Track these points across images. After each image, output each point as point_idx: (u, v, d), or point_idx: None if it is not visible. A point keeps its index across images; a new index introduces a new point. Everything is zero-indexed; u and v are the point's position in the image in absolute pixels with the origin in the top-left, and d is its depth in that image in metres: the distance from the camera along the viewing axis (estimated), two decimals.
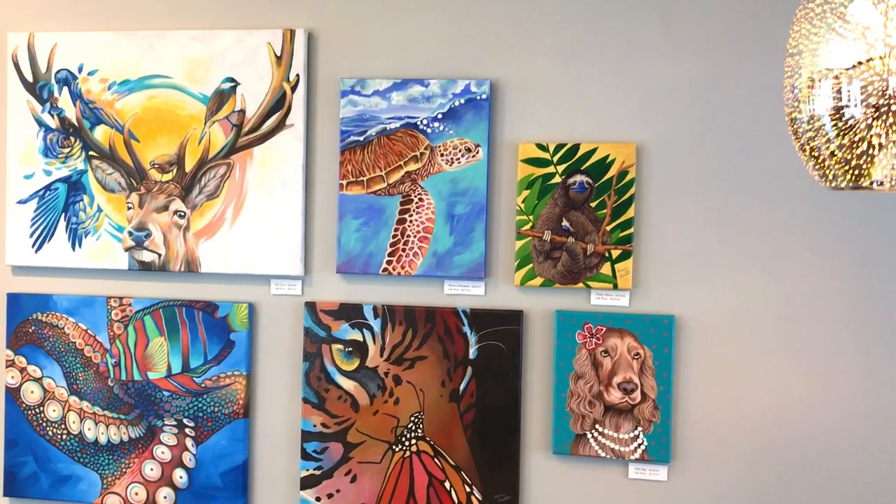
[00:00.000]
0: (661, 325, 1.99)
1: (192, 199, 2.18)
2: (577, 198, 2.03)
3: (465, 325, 2.08)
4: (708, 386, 2.00)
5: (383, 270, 2.10)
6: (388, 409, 2.11)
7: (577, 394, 2.03)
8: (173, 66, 2.19)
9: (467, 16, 2.08)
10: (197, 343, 2.19)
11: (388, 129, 2.09)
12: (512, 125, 2.06)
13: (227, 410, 2.19)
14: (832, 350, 1.95)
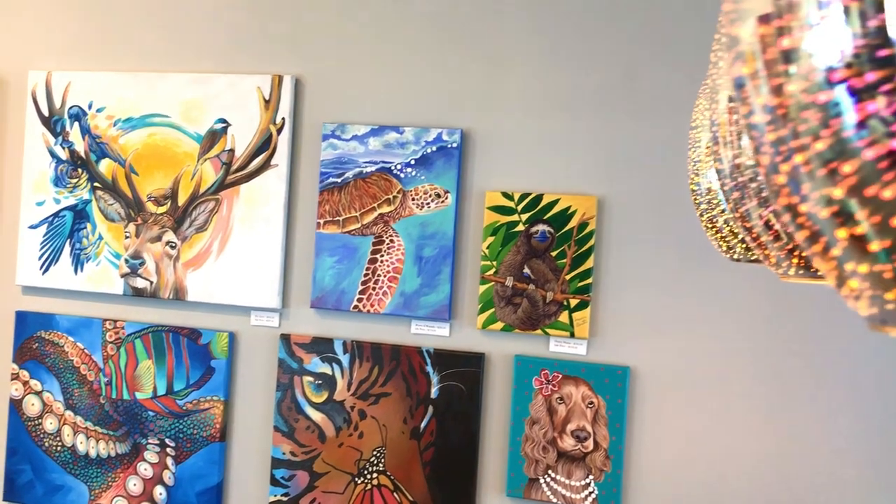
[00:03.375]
0: (616, 376, 2.03)
1: (182, 231, 2.32)
2: (539, 246, 2.08)
3: (428, 365, 2.15)
4: (660, 438, 2.02)
5: (354, 307, 2.19)
6: (352, 441, 2.19)
7: (531, 439, 2.07)
8: (172, 107, 2.33)
9: (442, 69, 2.16)
10: (181, 367, 2.32)
11: (365, 173, 2.19)
12: (480, 173, 2.14)
13: (205, 433, 2.30)
14: (782, 406, 1.95)
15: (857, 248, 0.41)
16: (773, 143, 0.43)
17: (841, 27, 0.38)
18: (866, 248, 0.40)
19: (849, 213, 0.40)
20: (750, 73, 0.44)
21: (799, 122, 0.41)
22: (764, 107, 0.44)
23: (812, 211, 0.43)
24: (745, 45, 0.44)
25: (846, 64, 0.38)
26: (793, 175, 0.43)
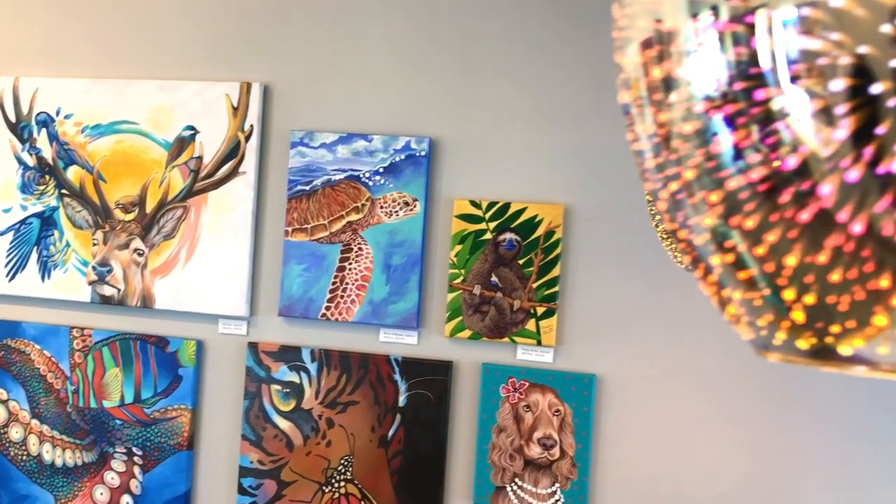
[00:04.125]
0: (582, 384, 2.04)
1: (150, 239, 2.31)
2: (506, 255, 2.09)
3: (396, 373, 2.15)
4: (626, 446, 2.03)
5: (322, 315, 2.19)
6: (320, 450, 2.19)
7: (498, 447, 2.08)
8: (140, 113, 2.33)
9: (411, 77, 2.17)
10: (148, 375, 2.31)
11: (333, 181, 2.19)
12: (448, 181, 2.14)
13: (173, 442, 2.29)
14: (749, 414, 1.96)
15: (731, 274, 0.42)
16: (654, 169, 0.44)
17: (716, 56, 0.39)
18: (737, 276, 0.41)
19: (719, 241, 0.41)
20: (633, 100, 0.45)
21: (672, 150, 0.42)
22: (645, 133, 0.44)
23: (689, 238, 0.43)
24: (629, 71, 0.45)
25: (721, 93, 0.39)
26: (671, 202, 0.44)
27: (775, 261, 0.38)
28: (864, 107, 0.33)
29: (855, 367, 0.39)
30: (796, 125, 0.37)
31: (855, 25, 0.33)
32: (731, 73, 0.38)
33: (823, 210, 0.35)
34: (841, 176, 0.34)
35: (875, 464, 1.94)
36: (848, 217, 0.34)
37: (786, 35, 0.37)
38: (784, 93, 0.37)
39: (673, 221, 0.44)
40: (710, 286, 0.44)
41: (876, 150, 0.33)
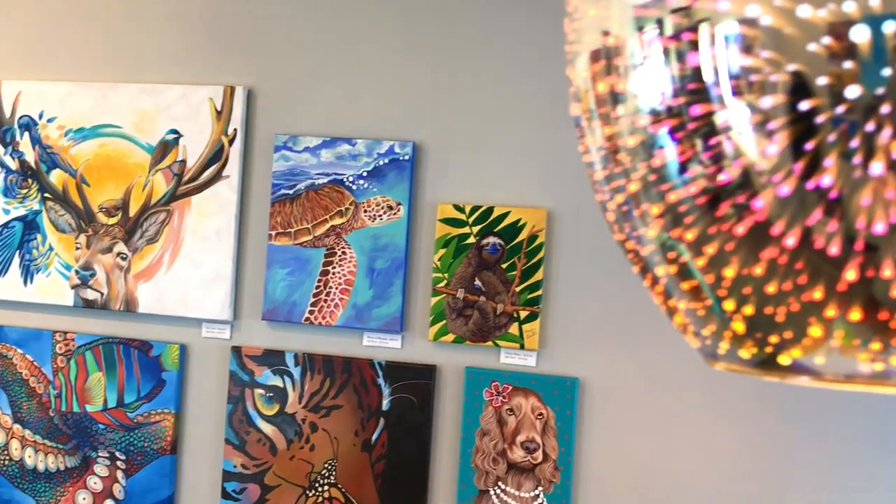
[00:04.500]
0: (565, 387, 2.05)
1: (133, 243, 2.31)
2: (490, 258, 2.10)
3: (379, 377, 2.15)
4: (609, 449, 2.04)
5: (305, 319, 2.19)
6: (303, 454, 2.19)
7: (482, 450, 2.09)
8: (123, 117, 2.33)
9: (395, 81, 2.18)
10: (131, 380, 2.31)
11: (317, 185, 2.20)
12: (432, 186, 2.15)
13: (156, 446, 2.29)
14: (733, 417, 1.98)
15: (676, 284, 0.43)
16: (602, 181, 0.45)
17: (661, 70, 0.40)
18: (681, 286, 0.42)
19: (664, 252, 0.42)
20: (583, 113, 0.46)
21: (618, 163, 0.43)
22: (594, 146, 0.45)
23: (636, 248, 0.44)
24: (578, 84, 0.46)
25: (666, 107, 0.40)
26: (618, 213, 0.44)
27: (715, 272, 0.38)
28: (796, 123, 0.34)
29: (798, 376, 0.40)
30: (738, 138, 0.38)
31: (786, 43, 0.34)
32: (676, 87, 0.39)
33: (758, 223, 0.35)
34: (774, 190, 0.35)
35: (851, 465, 1.95)
36: (781, 230, 0.35)
37: (727, 50, 0.37)
38: (726, 107, 0.38)
39: (621, 232, 0.45)
40: (657, 295, 0.45)
41: (806, 165, 0.34)
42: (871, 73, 0.32)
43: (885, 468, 1.95)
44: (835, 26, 0.32)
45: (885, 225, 0.32)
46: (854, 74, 0.32)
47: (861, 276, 0.34)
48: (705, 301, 0.40)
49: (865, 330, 0.37)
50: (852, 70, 0.32)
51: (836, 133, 0.32)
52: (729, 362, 0.42)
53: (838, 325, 0.36)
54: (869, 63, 0.32)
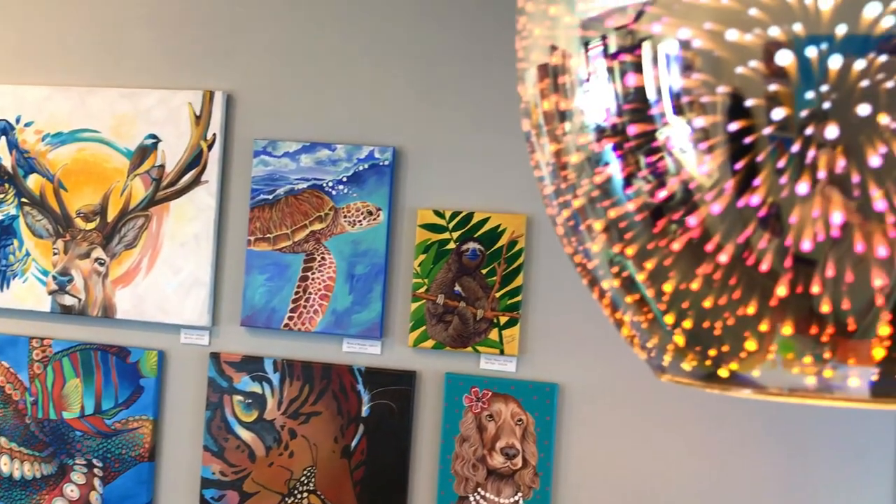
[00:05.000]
0: (545, 393, 2.06)
1: (112, 248, 2.31)
2: (470, 264, 2.11)
3: (359, 384, 2.16)
4: (588, 455, 2.06)
5: (285, 325, 2.19)
6: (282, 461, 2.19)
7: (461, 456, 2.09)
8: (102, 122, 2.33)
9: (375, 86, 2.19)
10: (109, 386, 2.30)
11: (296, 190, 2.20)
12: (412, 191, 2.16)
13: (134, 453, 2.29)
14: (711, 424, 1.99)
15: (621, 297, 0.44)
16: (551, 195, 0.46)
17: (606, 87, 0.41)
18: (626, 299, 0.43)
19: (608, 266, 0.43)
20: (532, 128, 0.47)
21: (564, 178, 0.44)
22: (543, 161, 0.46)
23: (583, 262, 0.45)
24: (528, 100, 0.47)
25: (610, 124, 0.41)
26: (566, 227, 0.45)
27: (655, 287, 0.39)
28: (728, 143, 0.35)
29: (739, 389, 0.41)
30: (678, 156, 0.39)
31: (718, 66, 0.35)
32: (619, 104, 0.40)
33: (693, 240, 0.36)
34: (708, 208, 0.36)
35: (823, 469, 1.98)
36: (714, 247, 0.36)
37: (668, 70, 0.39)
38: (667, 125, 0.39)
39: (570, 246, 0.46)
40: (605, 308, 0.46)
41: (737, 184, 0.35)
42: (797, 95, 0.33)
43: (857, 475, 1.97)
44: (762, 50, 0.33)
45: (811, 242, 0.34)
46: (781, 97, 0.33)
47: (791, 292, 0.35)
48: (648, 314, 0.41)
49: (799, 344, 0.38)
50: (779, 92, 0.33)
51: (765, 153, 0.34)
52: (673, 374, 0.43)
53: (772, 340, 0.37)
54: (795, 86, 0.33)
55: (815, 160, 0.33)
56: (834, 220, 0.33)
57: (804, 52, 0.32)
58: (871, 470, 1.97)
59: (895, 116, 0.31)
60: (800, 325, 0.36)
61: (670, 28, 0.36)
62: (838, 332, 0.35)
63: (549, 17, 0.42)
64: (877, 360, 0.36)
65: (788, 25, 0.32)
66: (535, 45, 0.44)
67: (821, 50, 0.32)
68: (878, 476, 1.97)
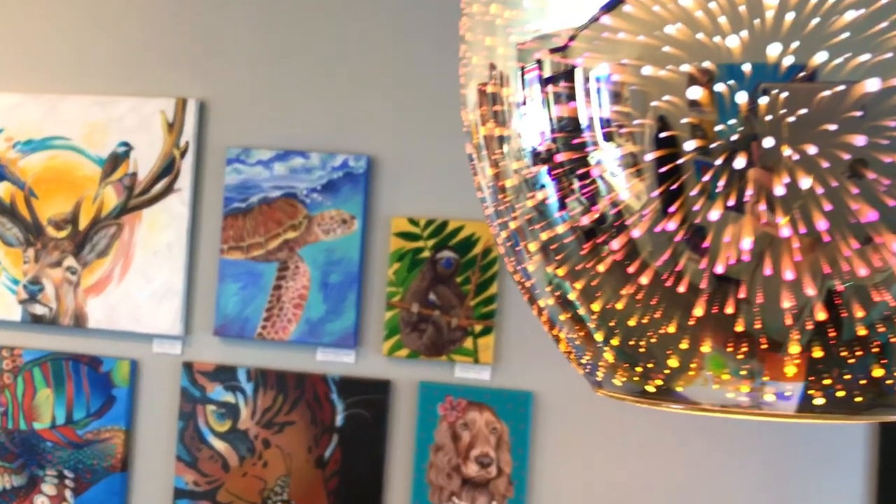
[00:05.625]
0: (519, 401, 2.08)
1: (83, 257, 2.31)
2: (444, 273, 2.13)
3: (333, 393, 2.17)
4: (562, 463, 2.08)
5: (258, 334, 2.21)
6: (256, 471, 2.20)
7: (436, 465, 2.11)
8: (73, 129, 2.33)
9: (349, 94, 2.21)
10: (81, 396, 2.30)
11: (269, 198, 2.22)
12: (387, 199, 2.18)
13: (106, 464, 2.29)
14: (687, 432, 2.02)
15: (556, 315, 0.46)
16: (492, 216, 0.48)
17: (541, 111, 0.44)
18: (560, 317, 0.45)
19: (544, 285, 0.45)
20: (473, 150, 0.49)
21: (502, 200, 0.46)
22: (484, 182, 0.49)
23: (522, 280, 0.47)
24: (469, 124, 0.49)
25: (544, 148, 0.43)
26: (506, 247, 0.48)
27: (585, 306, 0.42)
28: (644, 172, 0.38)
29: (669, 404, 0.44)
30: (609, 181, 0.41)
31: (637, 98, 0.37)
32: (554, 127, 0.42)
33: (617, 262, 0.39)
34: (629, 232, 0.38)
35: (796, 478, 2.01)
36: (636, 269, 0.38)
37: (596, 99, 0.41)
38: (599, 149, 0.41)
39: (510, 264, 0.48)
40: (544, 324, 0.48)
41: (654, 210, 0.37)
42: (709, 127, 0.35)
43: (828, 481, 2.00)
44: (676, 84, 0.35)
45: (724, 266, 0.36)
46: (694, 129, 0.35)
47: (707, 312, 0.37)
48: (581, 332, 0.44)
49: (726, 361, 0.40)
50: (692, 124, 0.35)
51: (680, 182, 0.36)
52: (607, 389, 0.45)
53: (693, 357, 0.39)
54: (706, 119, 0.35)
55: (726, 189, 0.35)
56: (744, 245, 0.35)
57: (714, 88, 0.34)
58: (842, 476, 2.01)
59: (797, 148, 0.34)
60: (717, 344, 0.38)
61: (592, 61, 0.38)
62: (752, 350, 0.38)
63: (485, 48, 0.45)
64: (789, 377, 0.38)
65: (699, 62, 0.34)
66: (474, 72, 0.46)
67: (730, 85, 0.34)
68: (849, 483, 2.00)
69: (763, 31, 0.34)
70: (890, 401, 0.39)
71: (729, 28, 0.34)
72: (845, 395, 0.38)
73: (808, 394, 0.39)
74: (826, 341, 0.37)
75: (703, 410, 0.44)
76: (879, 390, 0.39)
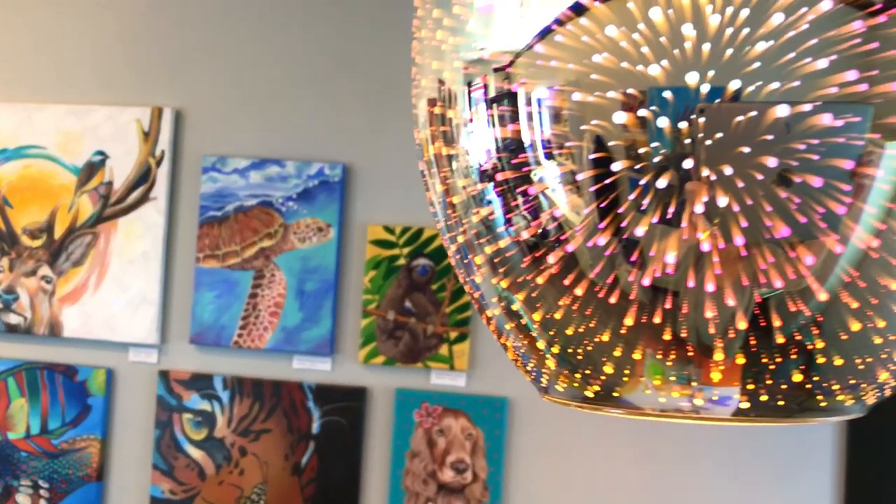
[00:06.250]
0: (494, 407, 2.10)
1: (59, 266, 2.31)
2: (420, 280, 2.15)
3: (309, 401, 2.19)
4: (537, 468, 2.11)
5: (234, 343, 2.22)
6: (233, 479, 2.21)
7: (412, 472, 2.13)
8: (49, 138, 2.34)
9: (324, 103, 2.23)
10: (56, 406, 2.31)
11: (245, 206, 2.23)
12: (362, 207, 2.20)
13: (82, 473, 2.29)
14: (660, 438, 2.05)
15: (503, 324, 0.48)
16: (443, 230, 0.51)
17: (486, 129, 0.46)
18: (506, 326, 0.48)
19: (489, 297, 0.48)
20: (425, 167, 0.52)
21: (450, 216, 0.48)
22: (435, 198, 0.51)
23: (472, 292, 0.50)
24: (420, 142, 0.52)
25: (490, 164, 0.46)
26: (456, 260, 0.50)
27: (527, 316, 0.44)
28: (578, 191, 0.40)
29: (610, 409, 0.46)
30: (551, 196, 0.44)
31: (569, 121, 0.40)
32: (498, 146, 0.45)
33: (553, 275, 0.41)
34: (564, 247, 0.40)
35: (764, 486, 2.05)
36: (571, 282, 0.41)
37: (536, 120, 0.43)
38: (541, 167, 0.44)
39: (461, 276, 0.50)
40: (493, 333, 0.50)
41: (587, 226, 0.40)
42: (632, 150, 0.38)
43: (797, 489, 2.04)
44: (603, 110, 0.38)
45: (650, 279, 0.38)
46: (621, 151, 0.38)
47: (637, 322, 0.40)
48: (524, 340, 0.46)
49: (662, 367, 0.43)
50: (619, 147, 0.38)
51: (608, 200, 0.38)
52: (551, 395, 0.47)
53: (626, 364, 0.42)
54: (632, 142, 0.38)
55: (651, 206, 0.38)
56: (668, 259, 0.38)
57: (639, 112, 0.37)
58: (810, 484, 2.04)
59: (714, 169, 0.36)
60: (648, 351, 0.40)
61: (528, 87, 0.40)
62: (680, 357, 0.40)
63: (433, 71, 0.47)
64: (716, 382, 0.41)
65: (624, 88, 0.37)
66: (423, 93, 0.49)
67: (653, 110, 0.37)
68: (817, 490, 2.04)
69: (683, 61, 0.36)
70: (811, 405, 0.42)
71: (652, 57, 0.37)
72: (768, 400, 0.41)
73: (734, 398, 0.42)
74: (748, 349, 0.39)
75: (645, 415, 0.47)
76: (801, 395, 0.42)
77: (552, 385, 0.46)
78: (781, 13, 0.35)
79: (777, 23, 0.35)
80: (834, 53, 0.35)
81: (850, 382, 0.41)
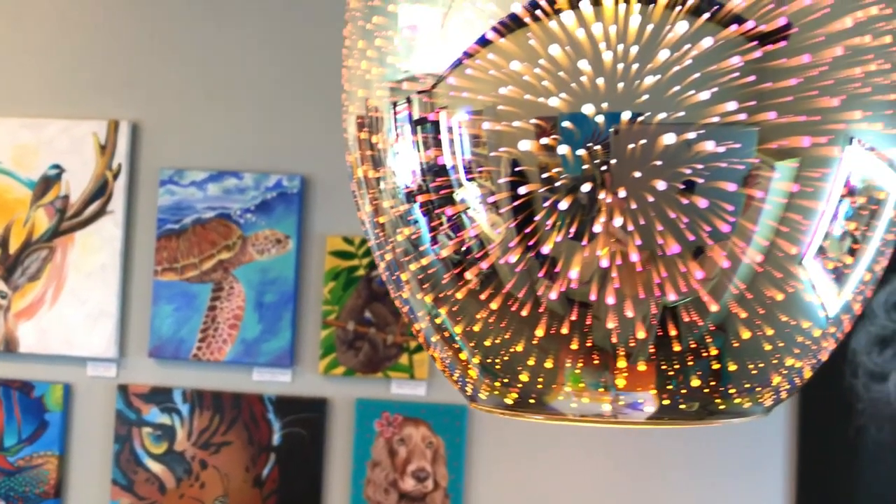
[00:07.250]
0: (454, 415, 2.14)
1: (14, 281, 2.30)
2: (379, 290, 2.18)
3: (269, 412, 2.20)
4: (498, 475, 2.14)
5: (193, 356, 2.22)
6: (193, 492, 2.22)
7: (373, 481, 2.15)
8: (2, 152, 2.34)
9: (281, 114, 2.25)
10: (12, 422, 2.29)
11: (203, 219, 2.24)
12: (321, 219, 2.23)
13: (39, 490, 2.28)
14: (625, 445, 2.10)
15: (430, 336, 0.52)
16: (374, 247, 0.54)
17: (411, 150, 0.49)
18: (432, 338, 0.51)
19: (416, 310, 0.51)
20: (356, 188, 0.55)
21: (378, 234, 0.51)
22: (365, 217, 0.54)
23: (401, 306, 0.53)
24: (350, 164, 0.55)
25: (416, 184, 0.49)
26: (386, 276, 0.53)
27: (450, 329, 0.47)
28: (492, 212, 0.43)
29: (532, 415, 0.49)
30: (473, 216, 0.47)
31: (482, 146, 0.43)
32: (423, 165, 0.48)
33: (471, 290, 0.45)
34: (479, 265, 0.44)
35: (717, 485, 2.10)
36: (487, 297, 0.44)
37: (461, 140, 0.47)
38: (463, 187, 0.47)
39: (392, 292, 0.53)
40: (422, 344, 0.53)
41: (500, 244, 0.43)
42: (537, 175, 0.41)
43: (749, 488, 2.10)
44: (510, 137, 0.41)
45: (557, 293, 0.42)
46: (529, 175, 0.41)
47: (547, 333, 0.43)
48: (449, 351, 0.49)
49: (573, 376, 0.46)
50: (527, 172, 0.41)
51: (517, 221, 0.42)
52: (477, 403, 0.50)
53: (540, 372, 0.45)
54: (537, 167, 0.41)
55: (555, 226, 0.41)
56: (572, 275, 0.41)
57: (541, 140, 0.40)
58: (763, 483, 2.10)
59: (611, 194, 0.40)
60: (557, 361, 0.44)
61: (446, 114, 0.44)
62: (588, 364, 0.44)
63: (359, 98, 0.50)
64: (621, 388, 0.44)
65: (527, 119, 0.40)
66: (352, 119, 0.52)
67: (554, 138, 0.40)
68: (770, 489, 2.10)
69: (581, 93, 0.40)
70: (713, 408, 0.46)
71: (553, 89, 0.40)
72: (671, 404, 0.45)
73: (645, 403, 0.45)
74: (648, 356, 0.43)
75: (566, 420, 0.50)
76: (701, 398, 0.45)
77: (476, 393, 0.50)
78: (668, 49, 0.39)
79: (664, 58, 0.39)
80: (716, 86, 0.39)
81: (746, 386, 0.45)
